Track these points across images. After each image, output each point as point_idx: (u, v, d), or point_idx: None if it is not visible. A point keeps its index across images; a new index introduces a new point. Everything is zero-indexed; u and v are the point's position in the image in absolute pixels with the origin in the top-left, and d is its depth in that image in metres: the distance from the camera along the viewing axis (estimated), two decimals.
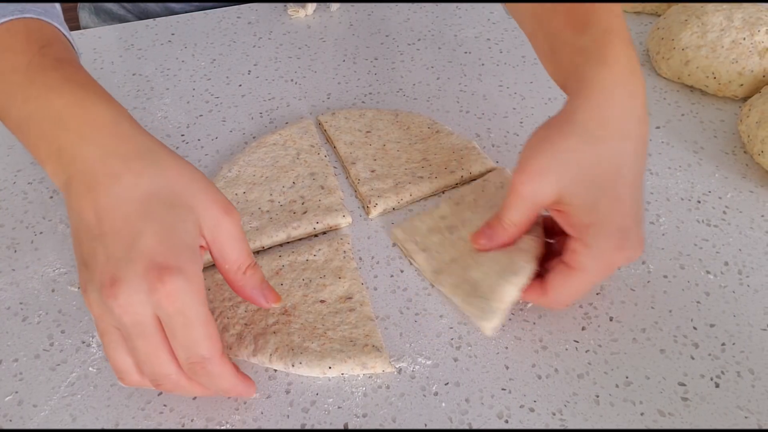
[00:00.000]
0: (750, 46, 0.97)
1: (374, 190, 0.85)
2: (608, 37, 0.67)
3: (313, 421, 0.65)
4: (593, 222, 0.65)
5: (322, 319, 0.72)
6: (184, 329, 0.56)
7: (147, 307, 0.55)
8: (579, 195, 0.65)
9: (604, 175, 0.65)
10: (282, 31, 1.17)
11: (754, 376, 0.69)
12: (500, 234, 0.71)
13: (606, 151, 0.65)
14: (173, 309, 0.55)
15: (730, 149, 0.93)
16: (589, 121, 0.65)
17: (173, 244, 0.56)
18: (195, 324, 0.56)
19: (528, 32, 0.81)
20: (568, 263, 0.67)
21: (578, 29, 0.69)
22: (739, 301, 0.75)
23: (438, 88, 1.05)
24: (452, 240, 0.77)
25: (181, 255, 0.56)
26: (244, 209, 0.82)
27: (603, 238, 0.65)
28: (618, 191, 0.65)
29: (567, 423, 0.65)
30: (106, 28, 1.18)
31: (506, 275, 0.70)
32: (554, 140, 0.66)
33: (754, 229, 0.82)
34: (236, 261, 0.62)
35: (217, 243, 0.60)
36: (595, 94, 0.65)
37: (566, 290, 0.69)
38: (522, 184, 0.67)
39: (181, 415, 0.66)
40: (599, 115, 0.65)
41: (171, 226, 0.57)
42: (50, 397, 0.67)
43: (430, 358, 0.70)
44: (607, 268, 0.68)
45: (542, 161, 0.66)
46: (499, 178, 0.85)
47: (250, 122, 0.98)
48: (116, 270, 0.55)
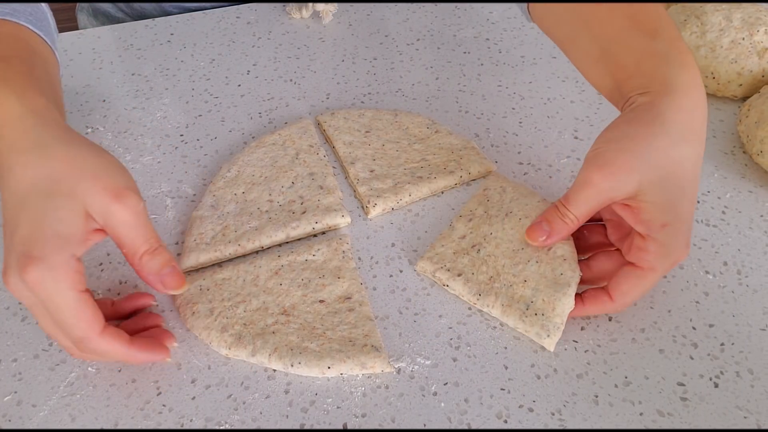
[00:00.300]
0: (749, 46, 0.97)
1: (373, 190, 0.85)
2: (680, 45, 0.69)
3: (312, 421, 0.65)
4: (670, 221, 0.65)
5: (321, 319, 0.72)
6: (56, 314, 0.60)
7: (27, 293, 0.59)
8: (659, 194, 0.65)
9: (686, 176, 0.66)
10: (281, 31, 1.17)
11: (753, 376, 0.69)
12: (561, 229, 0.71)
13: (689, 153, 0.66)
14: (41, 296, 0.59)
15: (729, 149, 0.93)
16: (678, 123, 0.66)
17: (40, 235, 0.59)
18: (62, 309, 0.59)
19: (564, 38, 0.81)
20: (638, 264, 0.68)
21: (648, 33, 0.70)
22: (738, 301, 0.75)
23: (437, 88, 1.05)
24: (482, 258, 0.77)
25: (47, 244, 0.58)
26: (244, 209, 0.82)
27: (676, 237, 0.66)
28: (693, 191, 0.67)
29: (566, 423, 0.65)
30: (106, 28, 1.18)
31: (560, 288, 0.71)
32: (640, 139, 0.66)
33: (753, 229, 0.82)
34: (131, 246, 0.64)
35: (109, 228, 0.62)
36: (683, 97, 0.67)
37: (636, 292, 0.69)
38: (604, 179, 0.67)
39: (180, 415, 0.66)
40: (687, 118, 0.66)
41: (42, 216, 0.59)
42: (49, 397, 0.67)
43: (429, 358, 0.70)
44: (672, 266, 0.68)
45: (627, 158, 0.66)
46: (498, 183, 0.85)
47: (249, 122, 0.98)
48: (6, 259, 0.60)
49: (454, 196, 0.87)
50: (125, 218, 0.62)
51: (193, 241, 0.79)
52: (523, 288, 0.73)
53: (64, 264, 0.59)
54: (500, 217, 0.80)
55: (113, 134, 0.96)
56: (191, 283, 0.75)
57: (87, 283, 0.62)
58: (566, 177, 0.89)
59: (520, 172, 0.90)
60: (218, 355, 0.70)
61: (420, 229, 0.83)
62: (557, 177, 0.89)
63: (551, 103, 1.01)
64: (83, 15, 1.32)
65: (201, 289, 0.75)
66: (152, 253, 0.64)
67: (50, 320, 0.61)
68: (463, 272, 0.76)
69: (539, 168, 0.90)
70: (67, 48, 1.13)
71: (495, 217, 0.80)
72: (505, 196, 0.82)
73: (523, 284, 0.73)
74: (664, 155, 0.65)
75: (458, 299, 0.75)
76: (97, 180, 0.61)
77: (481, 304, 0.74)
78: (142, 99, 1.02)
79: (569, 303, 0.70)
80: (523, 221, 0.77)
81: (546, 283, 0.72)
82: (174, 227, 0.83)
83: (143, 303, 0.73)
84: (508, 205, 0.80)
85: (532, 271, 0.73)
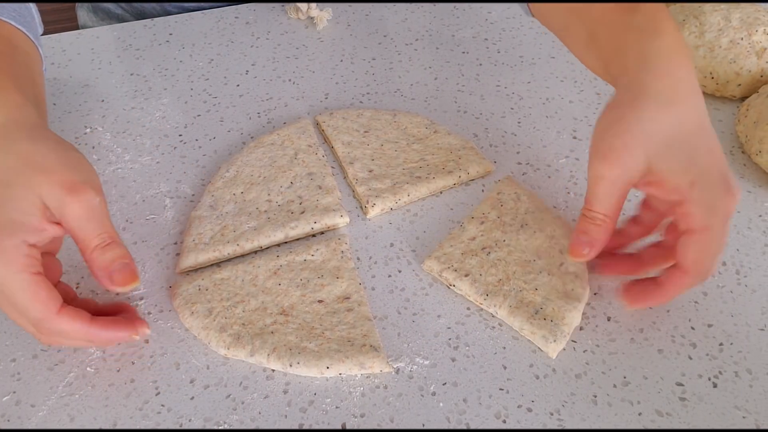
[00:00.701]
0: (748, 46, 0.97)
1: (372, 190, 0.85)
2: (659, 15, 0.69)
3: (310, 421, 0.65)
4: (695, 178, 0.65)
5: (319, 319, 0.72)
6: (11, 297, 0.61)
7: None
8: (671, 158, 0.65)
9: (690, 131, 0.66)
10: (280, 31, 1.17)
11: (752, 376, 0.69)
12: (598, 232, 0.70)
13: (683, 110, 0.66)
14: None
15: (727, 149, 0.93)
16: (660, 88, 0.66)
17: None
18: (16, 291, 0.61)
19: (559, 27, 0.83)
20: (690, 229, 0.66)
21: (627, 10, 0.71)
22: (737, 301, 0.75)
23: (436, 88, 1.05)
24: (492, 261, 0.77)
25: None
26: (242, 209, 0.82)
27: (711, 188, 0.65)
28: (708, 141, 0.66)
29: (565, 423, 0.65)
30: (104, 28, 1.18)
31: (570, 301, 0.72)
32: (629, 117, 0.66)
33: (751, 228, 0.82)
34: (83, 240, 0.65)
35: (63, 222, 0.64)
36: (660, 63, 0.67)
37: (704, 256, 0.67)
38: (612, 168, 0.67)
39: (178, 415, 0.66)
40: (668, 80, 0.66)
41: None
42: (48, 397, 0.67)
43: (428, 358, 0.70)
44: (725, 218, 0.66)
45: (625, 139, 0.66)
46: (512, 189, 0.85)
47: (248, 122, 0.98)
48: None
49: (453, 196, 0.87)
50: (78, 212, 0.63)
51: (191, 242, 0.79)
52: (533, 294, 0.73)
53: (14, 248, 0.61)
54: (515, 226, 0.80)
55: (112, 134, 0.96)
56: (190, 283, 0.75)
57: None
58: (565, 177, 0.89)
59: (519, 172, 0.90)
60: (217, 356, 0.70)
61: (419, 229, 0.83)
62: (556, 177, 0.89)
63: (550, 103, 1.01)
64: (83, 11, 1.32)
65: (200, 289, 0.75)
66: (103, 248, 0.65)
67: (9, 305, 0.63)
68: (470, 273, 0.76)
69: (538, 168, 0.90)
70: (66, 48, 1.13)
71: (509, 225, 0.80)
72: (521, 206, 0.82)
73: (534, 291, 0.73)
74: (657, 123, 0.65)
75: (457, 299, 0.75)
76: (54, 174, 0.63)
77: (488, 304, 0.74)
78: (141, 99, 1.02)
79: (577, 317, 0.71)
80: (537, 234, 0.79)
81: (557, 295, 0.72)
82: (173, 227, 0.83)
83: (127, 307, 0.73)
84: (524, 217, 0.81)
85: (544, 282, 0.74)
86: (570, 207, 0.85)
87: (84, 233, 0.64)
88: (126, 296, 0.75)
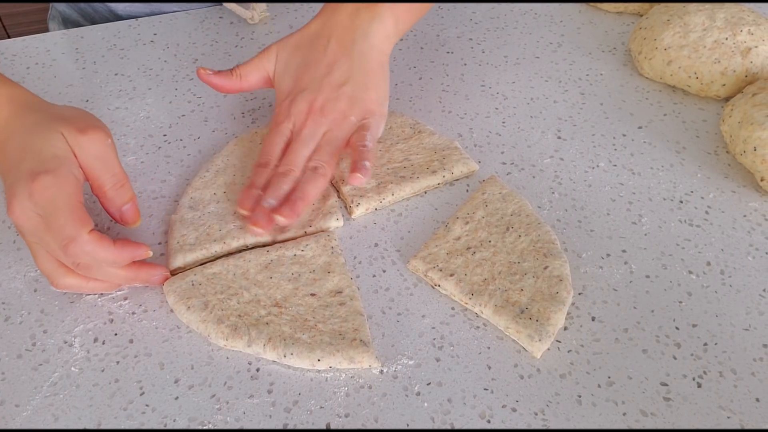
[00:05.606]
0: (732, 46, 0.97)
1: (356, 190, 0.85)
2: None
3: (295, 421, 0.65)
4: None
5: (312, 311, 0.73)
6: (52, 216, 0.68)
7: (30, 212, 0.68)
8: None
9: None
10: (264, 31, 1.17)
11: (737, 376, 0.69)
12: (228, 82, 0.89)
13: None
14: (43, 202, 0.67)
15: (712, 149, 0.94)
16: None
17: (44, 157, 0.70)
18: (60, 209, 0.68)
19: None
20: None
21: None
22: (722, 301, 0.75)
23: (420, 88, 1.05)
24: (477, 261, 0.77)
25: (52, 162, 0.69)
26: (226, 209, 0.82)
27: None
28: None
29: (549, 423, 0.65)
30: (89, 28, 1.17)
31: (555, 304, 0.72)
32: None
33: (736, 229, 0.83)
34: (98, 178, 0.74)
35: (81, 160, 0.72)
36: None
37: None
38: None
39: (163, 415, 0.66)
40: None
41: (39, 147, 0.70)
42: (32, 397, 0.67)
43: (413, 358, 0.70)
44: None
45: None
46: (497, 189, 0.85)
47: (233, 122, 0.98)
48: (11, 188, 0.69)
49: (437, 196, 0.87)
50: (91, 149, 0.72)
51: (176, 243, 0.79)
52: (519, 295, 0.73)
53: (68, 175, 0.69)
54: (501, 227, 0.80)
55: None
56: (183, 279, 0.75)
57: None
58: (549, 177, 0.89)
59: (504, 171, 0.90)
60: (201, 355, 0.70)
61: (403, 229, 0.83)
62: (540, 177, 0.89)
63: (534, 102, 1.02)
64: (54, 24, 1.33)
65: (193, 284, 0.75)
66: (117, 189, 0.74)
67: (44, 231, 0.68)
68: (455, 272, 0.76)
69: (522, 168, 0.90)
70: (50, 48, 1.12)
71: (495, 226, 0.81)
72: (507, 207, 0.83)
73: (519, 292, 0.73)
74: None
75: (441, 299, 0.75)
76: (68, 121, 0.73)
77: (473, 303, 0.74)
78: (126, 99, 1.02)
79: (562, 319, 0.72)
80: (522, 237, 0.79)
81: (542, 297, 0.73)
82: (158, 227, 0.83)
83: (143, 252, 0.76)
84: (509, 219, 0.81)
85: (529, 284, 0.74)
86: (555, 206, 0.85)
87: (98, 172, 0.73)
88: (110, 294, 0.75)
